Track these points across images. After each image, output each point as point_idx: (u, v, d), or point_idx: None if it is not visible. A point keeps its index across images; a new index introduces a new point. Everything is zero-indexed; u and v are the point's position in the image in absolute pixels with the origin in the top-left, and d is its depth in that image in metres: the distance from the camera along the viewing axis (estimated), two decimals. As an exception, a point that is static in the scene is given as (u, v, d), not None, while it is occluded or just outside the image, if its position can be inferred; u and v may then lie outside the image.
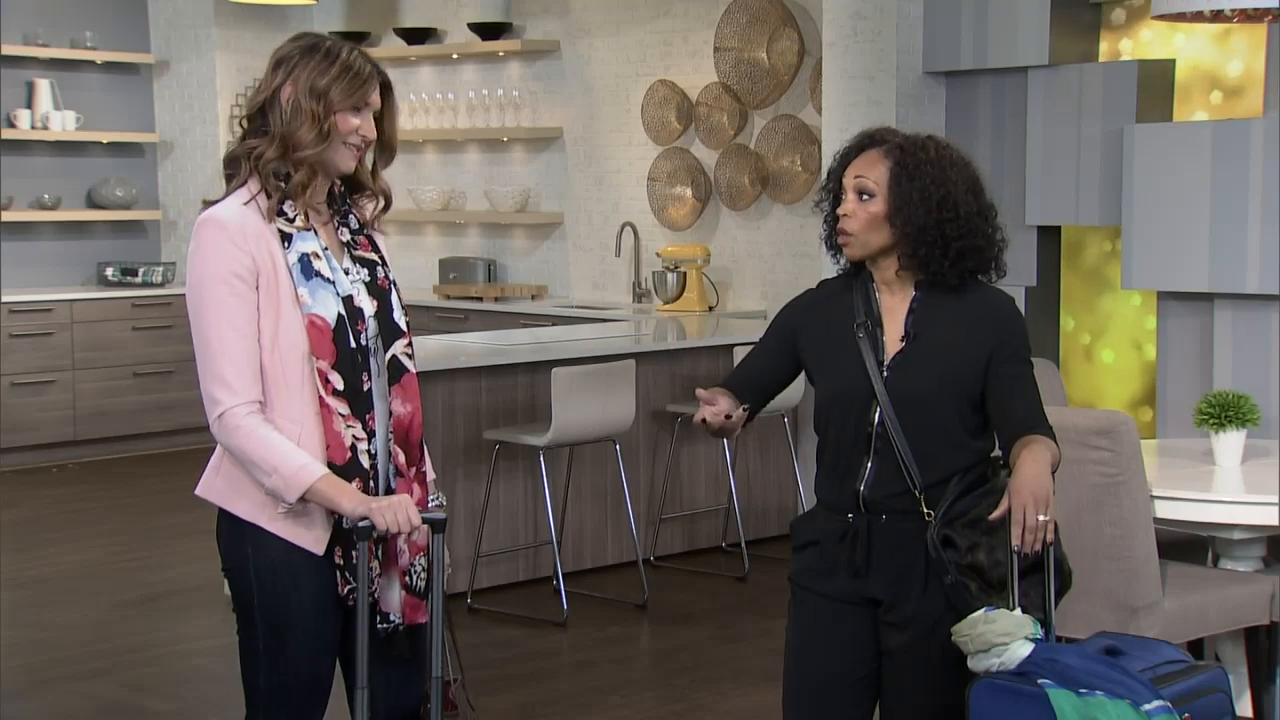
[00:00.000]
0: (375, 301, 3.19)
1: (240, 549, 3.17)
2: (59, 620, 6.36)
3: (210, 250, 3.05)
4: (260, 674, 3.19)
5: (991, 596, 3.17)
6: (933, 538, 3.19)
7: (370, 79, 3.13)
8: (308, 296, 3.08)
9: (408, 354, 3.22)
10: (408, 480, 3.20)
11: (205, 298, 3.05)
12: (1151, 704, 3.04)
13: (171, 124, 10.52)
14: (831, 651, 3.31)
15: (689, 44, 8.86)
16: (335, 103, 3.08)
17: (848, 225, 3.23)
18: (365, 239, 3.24)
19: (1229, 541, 4.85)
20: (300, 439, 3.08)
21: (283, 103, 3.09)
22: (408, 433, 3.21)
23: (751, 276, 8.59)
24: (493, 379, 6.61)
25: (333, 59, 3.09)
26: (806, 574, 3.34)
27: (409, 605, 3.21)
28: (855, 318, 3.26)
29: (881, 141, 3.28)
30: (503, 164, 9.89)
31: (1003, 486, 3.18)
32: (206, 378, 3.06)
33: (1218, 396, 4.92)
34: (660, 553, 7.21)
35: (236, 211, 3.09)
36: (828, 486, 3.32)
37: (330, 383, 3.08)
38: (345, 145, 3.12)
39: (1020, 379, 3.25)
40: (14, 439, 9.36)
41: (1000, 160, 6.82)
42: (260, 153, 3.10)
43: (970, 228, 3.21)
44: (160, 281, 10.07)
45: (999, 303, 3.29)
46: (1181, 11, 4.95)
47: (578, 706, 5.36)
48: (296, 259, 3.08)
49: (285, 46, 3.15)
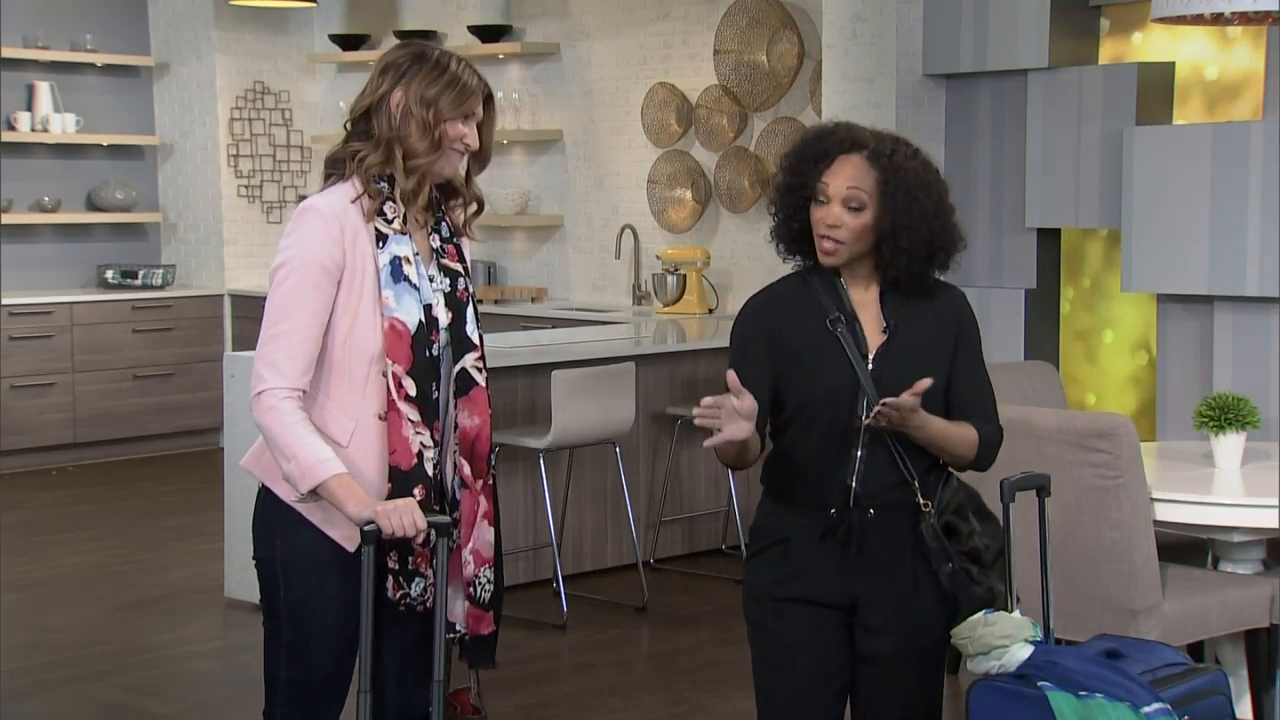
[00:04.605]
0: (450, 313, 3.21)
1: (270, 541, 3.19)
2: (59, 623, 6.36)
3: (306, 237, 3.09)
4: (281, 668, 3.21)
5: (988, 577, 3.19)
6: (934, 527, 3.17)
7: (478, 90, 3.18)
8: (393, 300, 3.11)
9: (478, 368, 3.26)
10: (474, 493, 3.23)
11: (287, 280, 3.08)
12: (1151, 706, 3.04)
13: (171, 126, 10.52)
14: (810, 668, 3.24)
15: (689, 46, 8.86)
16: (444, 112, 3.12)
17: (837, 234, 3.18)
18: (454, 248, 3.26)
19: (1229, 544, 4.85)
20: (353, 436, 3.10)
21: (392, 108, 3.12)
22: (474, 445, 3.23)
23: (751, 279, 8.58)
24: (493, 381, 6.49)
25: (443, 68, 3.14)
26: (779, 581, 3.23)
27: (474, 616, 3.26)
28: (827, 313, 3.21)
29: (856, 145, 3.19)
30: (502, 166, 9.89)
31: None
32: (260, 355, 3.09)
33: (1217, 399, 4.92)
34: (660, 555, 7.21)
35: (340, 205, 3.12)
36: (799, 484, 3.23)
37: (404, 388, 3.11)
38: (451, 150, 3.16)
39: (974, 370, 3.27)
40: (14, 441, 9.36)
41: (1000, 163, 6.82)
42: (364, 156, 3.14)
43: (951, 237, 3.21)
44: (160, 284, 10.07)
45: (957, 295, 3.31)
46: (1181, 14, 4.95)
47: (577, 709, 5.36)
48: (388, 261, 3.11)
49: (393, 54, 3.20)
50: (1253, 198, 5.87)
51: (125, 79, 10.46)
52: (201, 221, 10.42)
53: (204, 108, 10.34)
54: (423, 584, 3.16)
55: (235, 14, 10.17)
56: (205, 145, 10.35)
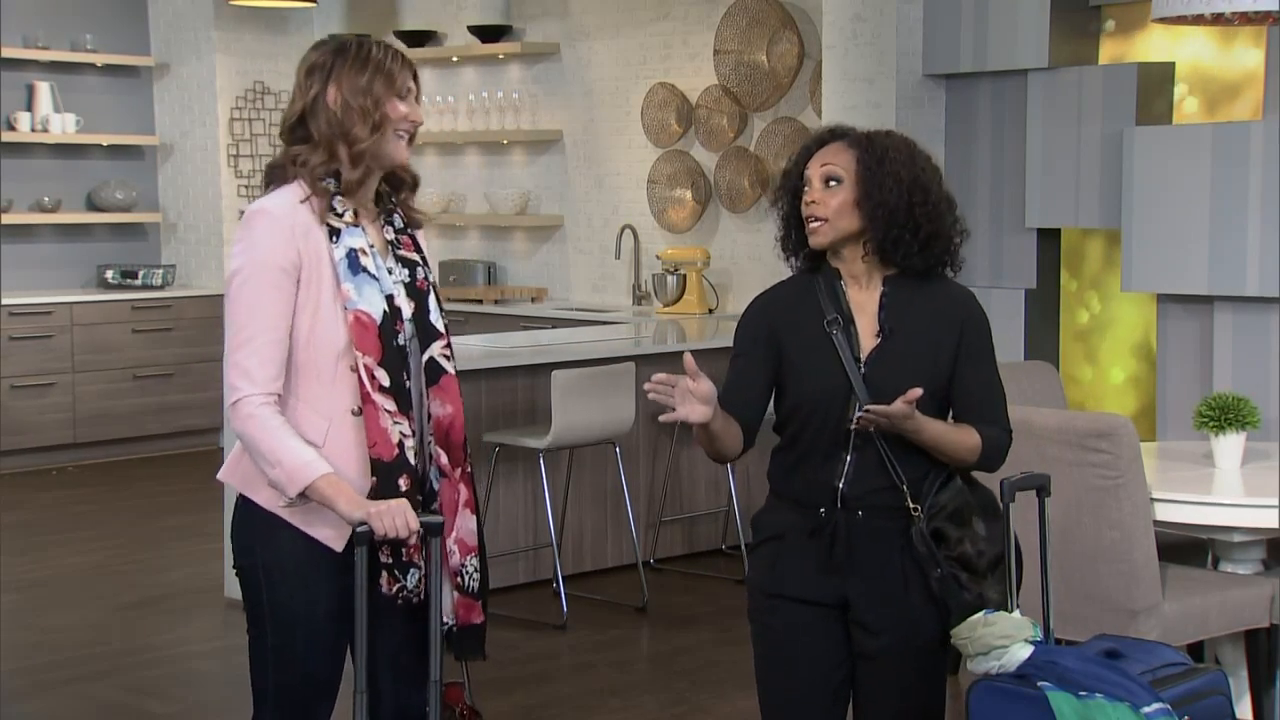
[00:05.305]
0: (413, 303, 3.20)
1: (250, 546, 3.17)
2: (59, 623, 6.36)
3: (258, 241, 3.08)
4: (268, 673, 3.20)
5: (979, 584, 3.18)
6: (922, 532, 3.17)
7: (406, 65, 3.19)
8: (354, 292, 3.10)
9: (446, 355, 3.24)
10: (453, 482, 3.22)
11: (245, 287, 3.07)
12: (1151, 706, 3.04)
13: (171, 126, 10.51)
14: (807, 665, 3.25)
15: (689, 46, 8.86)
16: (381, 95, 3.13)
17: (817, 211, 3.21)
18: (409, 238, 3.26)
19: (1229, 544, 4.85)
20: (328, 435, 3.09)
21: (330, 106, 3.13)
22: (449, 433, 3.22)
23: (751, 279, 8.58)
24: (493, 381, 6.62)
25: (366, 55, 3.15)
26: (773, 578, 3.27)
27: (463, 606, 3.24)
28: (825, 315, 3.23)
29: (842, 135, 3.28)
30: (503, 166, 9.89)
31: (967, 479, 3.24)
32: (231, 364, 3.08)
33: (1217, 399, 4.92)
34: (660, 555, 7.21)
35: (289, 204, 3.12)
36: (793, 481, 3.26)
37: (377, 379, 3.10)
38: (396, 135, 3.16)
39: (981, 371, 3.25)
40: (14, 441, 9.36)
41: (1000, 163, 6.82)
42: (305, 159, 3.14)
43: (938, 212, 3.21)
44: (160, 284, 10.06)
45: (964, 295, 3.29)
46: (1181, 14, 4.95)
47: (577, 709, 5.36)
48: (344, 254, 3.11)
49: (312, 55, 3.20)
50: (1253, 198, 5.87)
51: (125, 79, 10.46)
52: (201, 221, 10.42)
53: (204, 108, 10.34)
54: (417, 575, 3.15)
55: (235, 14, 10.17)
56: (205, 145, 10.35)
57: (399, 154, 3.19)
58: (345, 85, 3.12)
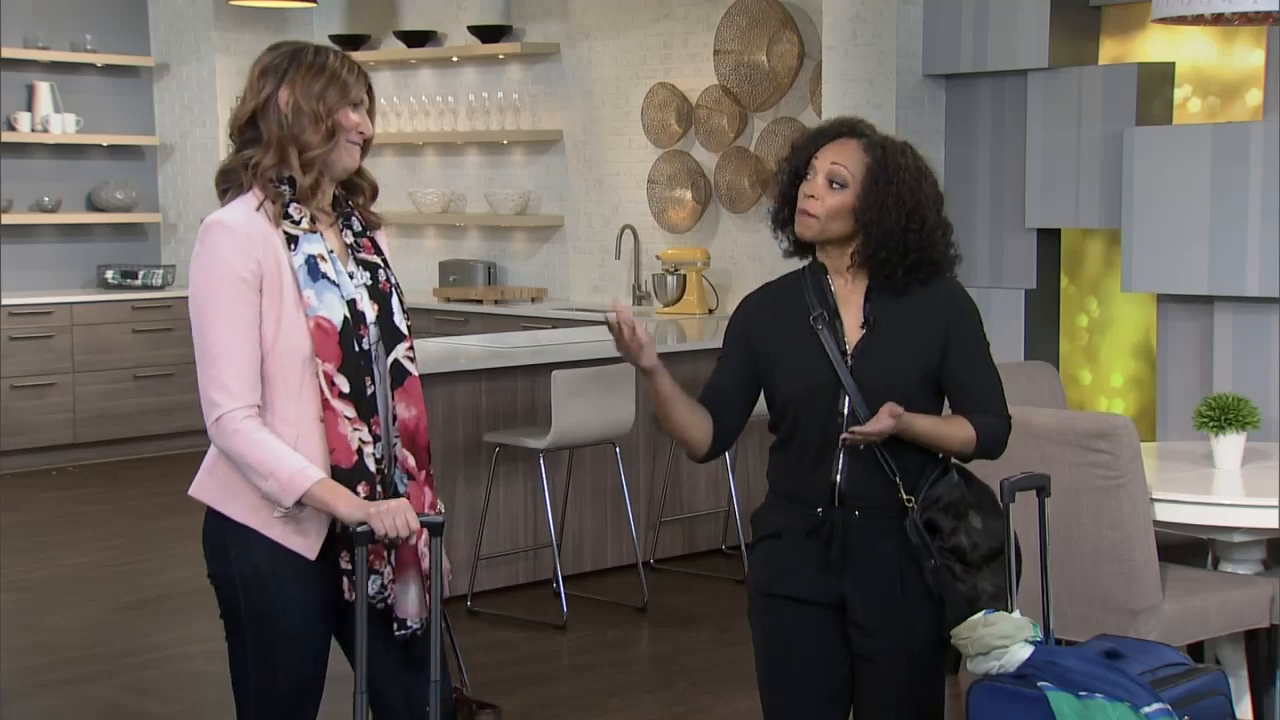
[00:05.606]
0: (376, 306, 3.19)
1: (224, 555, 3.16)
2: (58, 623, 6.36)
3: (216, 254, 3.08)
4: (249, 679, 3.20)
5: (974, 576, 3.17)
6: (915, 522, 3.17)
7: (361, 76, 3.18)
8: (314, 299, 3.08)
9: (410, 357, 3.22)
10: (419, 484, 3.20)
11: (209, 301, 3.06)
12: (1151, 707, 3.04)
13: (171, 127, 10.52)
14: (807, 666, 3.26)
15: (689, 47, 8.86)
16: (333, 102, 3.11)
17: (812, 207, 3.20)
18: (368, 241, 3.25)
19: (1229, 544, 4.85)
20: (297, 443, 3.07)
21: (281, 107, 3.11)
22: (414, 436, 3.21)
23: (751, 279, 8.58)
24: (493, 382, 6.61)
25: (321, 62, 3.14)
26: (770, 578, 3.28)
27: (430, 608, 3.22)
28: (811, 310, 3.23)
29: (861, 134, 3.25)
30: (503, 167, 9.89)
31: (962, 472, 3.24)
32: (206, 381, 3.06)
33: (1217, 399, 4.92)
34: (660, 555, 7.21)
35: (244, 216, 3.11)
36: (790, 480, 3.26)
37: (336, 385, 3.08)
38: (348, 144, 3.15)
39: (973, 361, 3.25)
40: (14, 441, 9.36)
41: (1000, 163, 6.82)
42: (257, 161, 3.13)
43: (930, 241, 3.21)
44: (160, 284, 10.06)
45: (948, 288, 3.28)
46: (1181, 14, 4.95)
47: (577, 709, 5.36)
48: (303, 261, 3.09)
49: (267, 56, 3.19)
50: (1253, 198, 5.87)
51: (125, 79, 10.46)
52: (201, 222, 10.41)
53: (204, 108, 10.34)
54: (379, 581, 3.13)
55: (235, 14, 10.17)
56: (205, 145, 10.35)
57: (351, 162, 3.17)
58: (299, 89, 3.11)
